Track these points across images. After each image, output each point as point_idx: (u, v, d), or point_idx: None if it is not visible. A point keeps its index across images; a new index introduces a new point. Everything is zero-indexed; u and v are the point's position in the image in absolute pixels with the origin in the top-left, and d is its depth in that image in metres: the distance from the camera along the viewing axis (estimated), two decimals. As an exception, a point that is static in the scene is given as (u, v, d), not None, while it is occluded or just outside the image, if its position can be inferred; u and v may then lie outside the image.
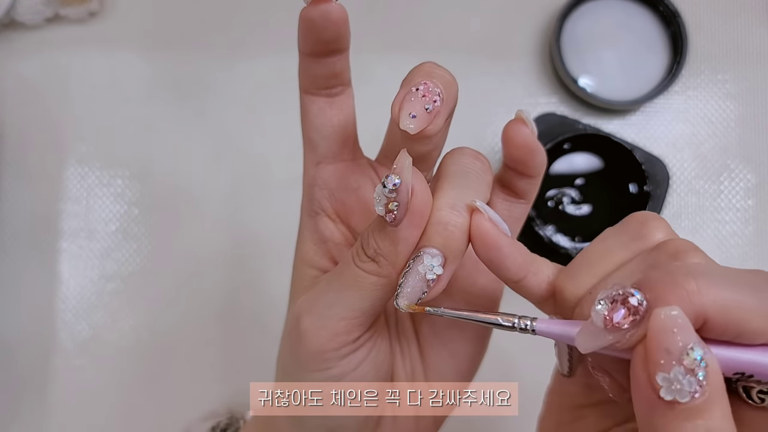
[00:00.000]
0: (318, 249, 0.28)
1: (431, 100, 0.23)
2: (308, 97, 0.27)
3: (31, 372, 0.50)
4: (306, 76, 0.27)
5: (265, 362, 0.37)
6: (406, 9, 0.54)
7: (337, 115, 0.27)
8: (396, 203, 0.22)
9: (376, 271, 0.24)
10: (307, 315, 0.26)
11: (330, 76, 0.26)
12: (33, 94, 0.53)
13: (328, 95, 0.27)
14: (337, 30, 0.25)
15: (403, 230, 0.23)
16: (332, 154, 0.28)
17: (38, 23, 0.52)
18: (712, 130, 0.53)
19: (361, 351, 0.26)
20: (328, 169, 0.28)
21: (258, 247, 0.52)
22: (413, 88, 0.23)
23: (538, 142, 0.27)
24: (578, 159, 0.50)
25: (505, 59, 0.54)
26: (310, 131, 0.27)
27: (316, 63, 0.26)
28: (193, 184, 0.52)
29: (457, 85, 0.24)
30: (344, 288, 0.25)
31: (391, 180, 0.22)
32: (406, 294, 0.23)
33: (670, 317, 0.18)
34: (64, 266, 0.51)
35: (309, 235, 0.28)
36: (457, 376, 0.30)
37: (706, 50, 0.54)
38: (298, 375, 0.27)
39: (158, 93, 0.53)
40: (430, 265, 0.23)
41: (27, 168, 0.52)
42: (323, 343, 0.25)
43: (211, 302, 0.51)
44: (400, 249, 0.23)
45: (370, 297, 0.24)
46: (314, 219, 0.28)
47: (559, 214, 0.49)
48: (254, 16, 0.54)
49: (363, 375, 0.26)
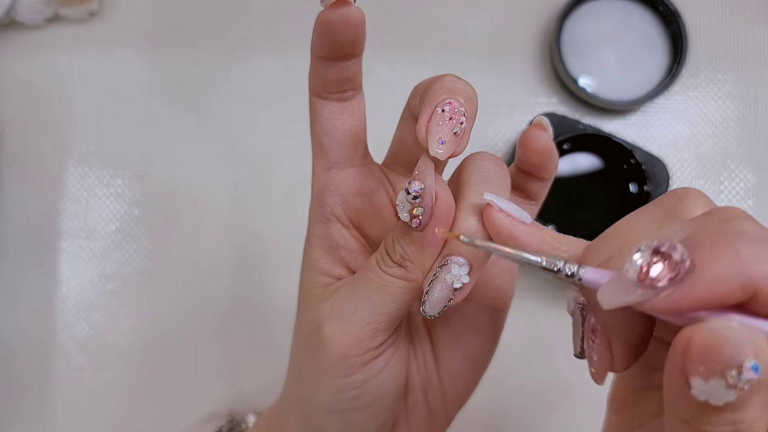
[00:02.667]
0: (330, 256, 0.28)
1: (458, 122, 0.22)
2: (319, 101, 0.27)
3: (31, 372, 0.50)
4: (318, 80, 0.26)
5: (265, 362, 0.37)
6: (406, 9, 0.54)
7: (348, 119, 0.27)
8: (421, 208, 0.22)
9: (404, 275, 0.24)
10: (331, 321, 0.25)
11: (343, 81, 0.26)
12: (33, 94, 0.53)
13: (339, 99, 0.26)
14: (355, 34, 0.24)
15: (429, 234, 0.23)
16: (344, 159, 0.27)
17: (38, 23, 0.52)
18: (712, 130, 0.53)
19: (384, 356, 0.26)
20: (340, 174, 0.27)
21: (258, 247, 0.52)
22: (439, 109, 0.22)
23: (554, 147, 0.27)
24: (578, 159, 0.50)
25: (505, 59, 0.54)
26: (321, 135, 0.27)
27: (329, 67, 0.25)
28: (193, 184, 0.52)
29: (477, 98, 0.24)
30: (370, 293, 0.24)
31: (415, 186, 0.22)
32: (432, 303, 0.23)
33: (722, 332, 0.16)
34: (64, 266, 0.51)
35: (319, 242, 0.28)
36: (470, 375, 0.30)
37: (706, 50, 0.54)
38: (318, 381, 0.27)
39: (158, 93, 0.53)
40: (457, 274, 0.23)
41: (27, 168, 0.52)
42: (347, 348, 0.25)
43: (211, 302, 0.51)
44: (427, 253, 0.23)
45: (397, 301, 0.24)
46: (326, 225, 0.28)
47: (560, 213, 0.49)
48: (255, 16, 0.54)
49: (385, 380, 0.26)
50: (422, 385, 0.30)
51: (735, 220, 0.18)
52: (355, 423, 0.27)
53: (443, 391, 0.30)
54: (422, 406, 0.30)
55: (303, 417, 0.29)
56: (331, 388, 0.26)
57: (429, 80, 0.24)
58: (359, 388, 0.26)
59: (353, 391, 0.26)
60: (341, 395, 0.26)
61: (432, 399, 0.30)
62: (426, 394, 0.30)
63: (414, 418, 0.30)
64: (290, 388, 0.31)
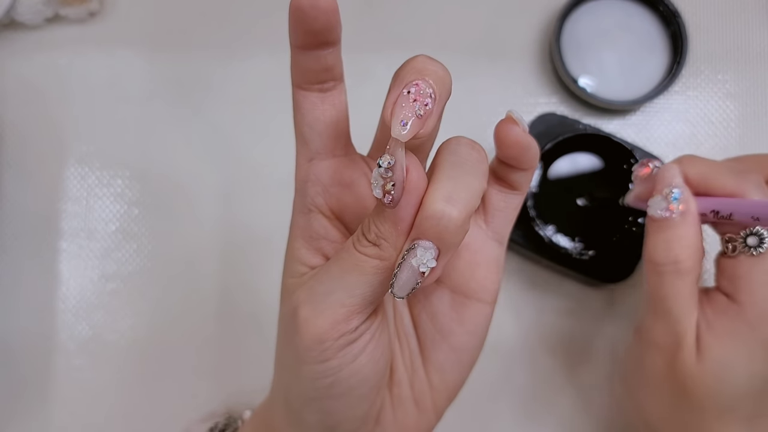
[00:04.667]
0: (309, 246, 0.28)
1: (423, 104, 0.22)
2: (300, 92, 0.27)
3: (31, 372, 0.50)
4: (297, 70, 0.27)
5: (265, 362, 0.37)
6: (405, 8, 0.54)
7: (329, 110, 0.27)
8: (392, 182, 0.22)
9: (378, 254, 0.24)
10: (305, 304, 0.25)
11: (321, 70, 0.26)
12: (33, 94, 0.53)
13: (320, 90, 0.27)
14: (327, 20, 0.25)
15: (402, 210, 0.23)
16: (325, 150, 0.27)
17: (38, 23, 0.52)
18: (712, 130, 0.53)
19: (359, 342, 0.26)
20: (322, 164, 0.28)
21: (259, 247, 0.52)
22: (404, 91, 0.22)
23: (529, 137, 0.27)
24: (578, 159, 0.50)
25: (505, 59, 0.54)
26: (302, 127, 0.27)
27: (307, 56, 0.26)
28: (193, 183, 0.52)
29: (450, 78, 0.24)
30: (344, 273, 0.25)
31: (386, 159, 0.22)
32: (399, 285, 0.23)
33: (664, 169, 0.35)
34: (64, 266, 0.51)
35: (300, 232, 0.28)
36: (457, 369, 0.30)
37: (706, 50, 0.54)
38: (296, 368, 0.27)
39: (158, 93, 0.53)
40: (422, 258, 0.22)
41: (27, 168, 0.52)
42: (322, 332, 0.25)
43: (211, 302, 0.51)
44: (399, 229, 0.23)
45: (371, 282, 0.24)
46: (307, 216, 0.28)
47: (560, 214, 0.49)
48: (255, 15, 0.54)
49: (361, 367, 0.26)
50: (408, 379, 0.30)
51: None
52: (333, 412, 0.27)
53: (431, 385, 0.30)
54: (409, 399, 0.30)
55: (286, 407, 0.29)
56: (307, 375, 0.26)
57: (405, 62, 0.25)
58: (334, 375, 0.26)
59: (329, 378, 0.26)
60: (317, 382, 0.26)
61: (419, 393, 0.30)
62: (413, 387, 0.30)
63: (401, 411, 0.30)
64: (275, 379, 0.31)
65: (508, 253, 0.52)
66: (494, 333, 0.35)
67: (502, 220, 0.30)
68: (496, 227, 0.30)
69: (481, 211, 0.30)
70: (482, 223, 0.30)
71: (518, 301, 0.51)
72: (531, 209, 0.47)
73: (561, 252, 0.47)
